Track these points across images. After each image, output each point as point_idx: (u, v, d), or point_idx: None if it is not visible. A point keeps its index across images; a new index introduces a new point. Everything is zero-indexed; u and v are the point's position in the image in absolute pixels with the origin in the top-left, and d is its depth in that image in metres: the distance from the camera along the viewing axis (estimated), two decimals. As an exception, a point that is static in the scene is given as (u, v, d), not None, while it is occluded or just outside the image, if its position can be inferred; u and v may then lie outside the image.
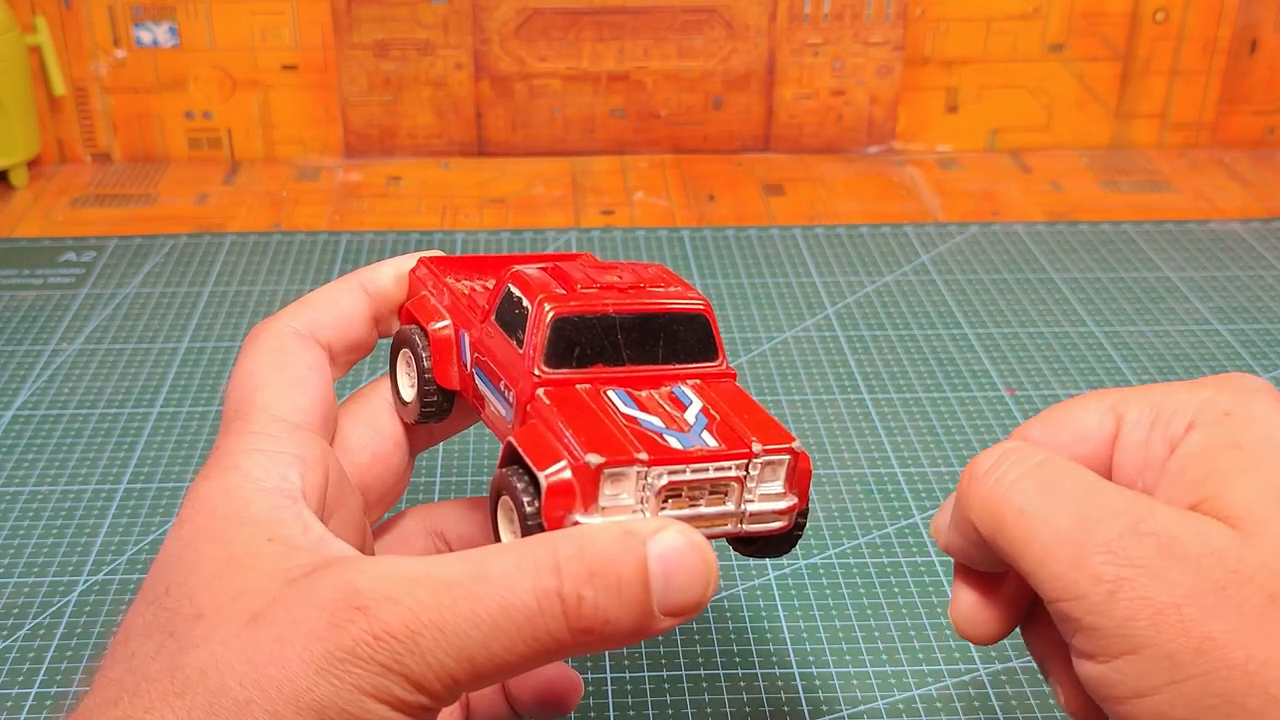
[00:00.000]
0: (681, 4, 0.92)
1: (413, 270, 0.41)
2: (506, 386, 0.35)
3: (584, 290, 0.35)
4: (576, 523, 0.31)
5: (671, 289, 0.36)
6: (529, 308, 0.35)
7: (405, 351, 0.40)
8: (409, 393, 0.40)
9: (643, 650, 0.50)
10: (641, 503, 0.31)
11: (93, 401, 0.65)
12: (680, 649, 0.50)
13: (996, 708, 0.47)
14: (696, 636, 0.50)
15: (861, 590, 0.53)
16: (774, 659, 0.49)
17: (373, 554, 0.39)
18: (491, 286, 0.41)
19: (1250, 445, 0.32)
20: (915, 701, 0.47)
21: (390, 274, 0.40)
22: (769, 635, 0.50)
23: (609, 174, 0.93)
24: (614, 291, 0.35)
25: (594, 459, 0.31)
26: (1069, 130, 0.98)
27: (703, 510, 0.32)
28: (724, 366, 0.36)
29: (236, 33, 0.91)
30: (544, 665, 0.30)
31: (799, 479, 0.33)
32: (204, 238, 0.82)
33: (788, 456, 0.33)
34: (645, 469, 0.31)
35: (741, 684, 0.48)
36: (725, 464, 0.32)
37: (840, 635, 0.50)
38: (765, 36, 0.93)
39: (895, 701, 0.47)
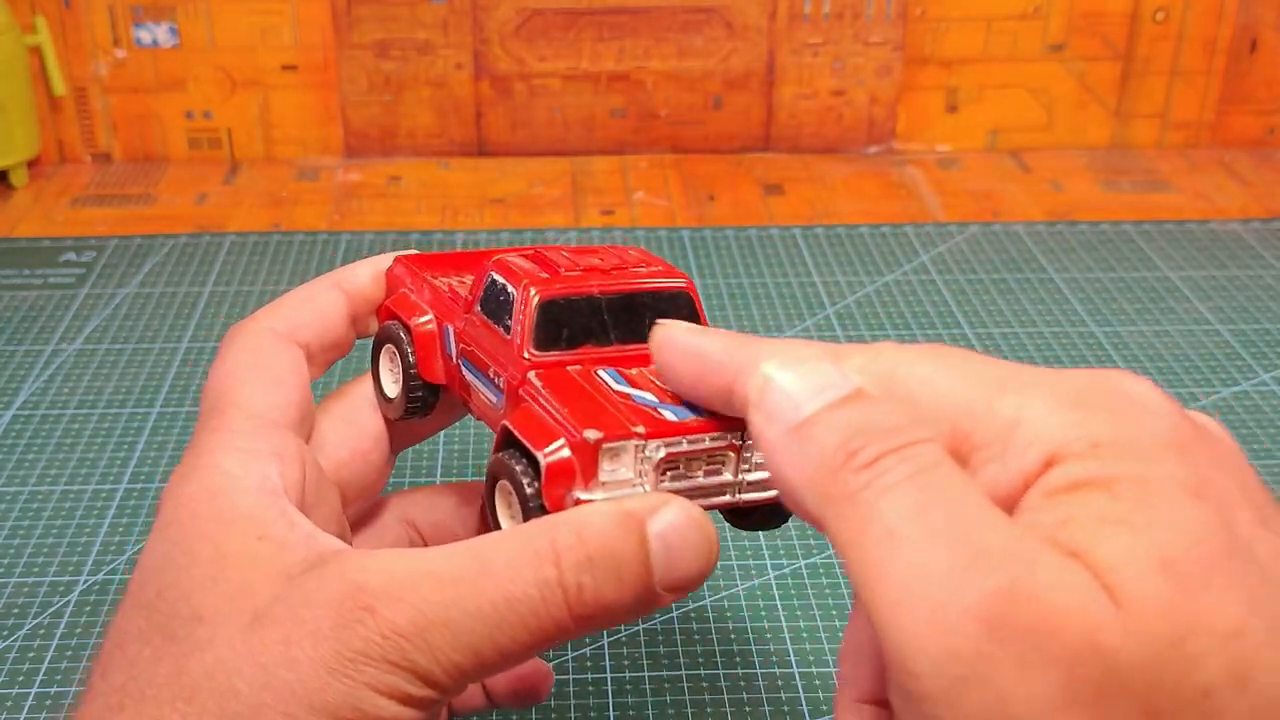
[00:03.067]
0: (681, 4, 0.92)
1: (389, 269, 0.41)
2: (496, 373, 0.35)
3: (568, 273, 0.35)
4: (578, 500, 0.31)
5: (654, 268, 0.36)
6: (514, 293, 0.35)
7: (389, 348, 0.40)
8: (393, 389, 0.40)
9: (643, 650, 0.50)
10: (640, 476, 0.32)
11: (93, 401, 0.65)
12: (680, 649, 0.50)
13: (996, 708, 0.47)
14: (696, 636, 0.50)
15: (861, 590, 0.53)
16: (774, 659, 0.49)
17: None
18: (470, 282, 0.41)
19: (1124, 490, 0.25)
20: (915, 701, 0.47)
21: (367, 273, 0.40)
22: (769, 635, 0.50)
23: (609, 174, 0.93)
24: (597, 273, 0.36)
25: (592, 435, 0.31)
26: (1069, 130, 0.98)
27: (700, 482, 0.33)
28: None
29: (236, 33, 0.91)
30: (550, 649, 0.30)
31: None
32: (204, 238, 0.82)
33: None
34: (643, 442, 0.31)
35: (741, 684, 0.48)
36: (720, 434, 0.32)
37: (840, 635, 0.50)
38: (765, 36, 0.93)
39: (895, 701, 0.47)
